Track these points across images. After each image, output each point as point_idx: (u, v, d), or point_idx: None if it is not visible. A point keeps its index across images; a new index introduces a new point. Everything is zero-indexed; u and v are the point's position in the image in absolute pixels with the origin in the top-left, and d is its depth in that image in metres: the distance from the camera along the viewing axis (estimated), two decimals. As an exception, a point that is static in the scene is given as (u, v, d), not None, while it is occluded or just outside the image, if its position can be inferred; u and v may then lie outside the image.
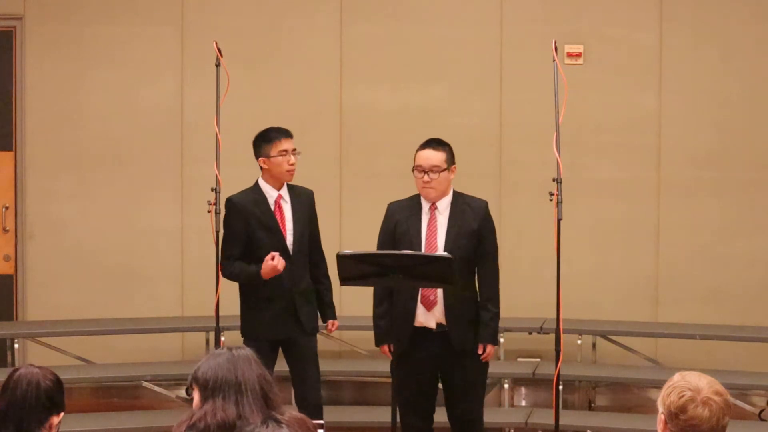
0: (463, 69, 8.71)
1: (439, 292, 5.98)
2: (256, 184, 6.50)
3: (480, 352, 6.04)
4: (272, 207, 6.43)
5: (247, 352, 3.75)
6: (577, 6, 8.65)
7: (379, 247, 6.11)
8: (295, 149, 6.43)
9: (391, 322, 6.01)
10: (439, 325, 6.02)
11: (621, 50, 8.61)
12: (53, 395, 3.91)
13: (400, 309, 6.02)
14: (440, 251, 5.95)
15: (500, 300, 6.19)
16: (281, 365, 6.55)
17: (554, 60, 6.29)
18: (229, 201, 6.45)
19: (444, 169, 6.03)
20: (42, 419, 3.88)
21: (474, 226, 6.05)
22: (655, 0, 8.57)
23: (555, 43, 6.35)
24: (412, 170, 6.09)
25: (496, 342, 6.17)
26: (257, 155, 6.46)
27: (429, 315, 6.02)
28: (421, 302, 6.01)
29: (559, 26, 8.51)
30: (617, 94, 8.62)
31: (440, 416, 6.23)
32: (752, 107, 8.54)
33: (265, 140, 6.46)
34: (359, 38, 8.78)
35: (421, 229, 6.06)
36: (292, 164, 6.41)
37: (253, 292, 6.43)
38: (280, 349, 6.51)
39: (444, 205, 6.09)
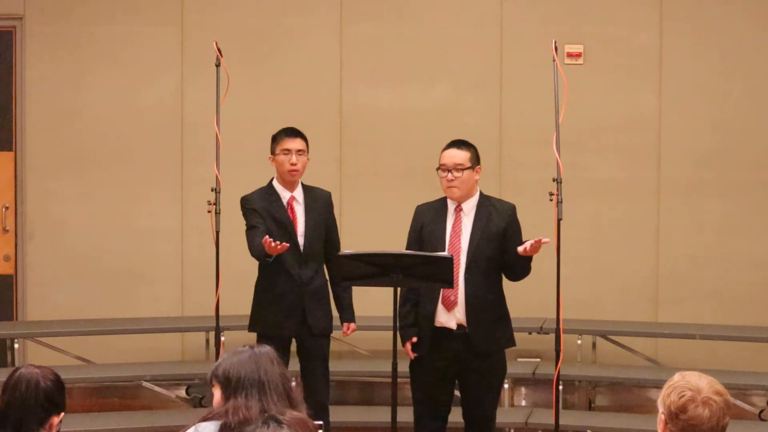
0: (463, 69, 8.71)
1: (460, 292, 5.98)
2: (270, 184, 6.54)
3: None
4: (285, 207, 6.46)
5: (269, 350, 3.75)
6: (577, 6, 8.65)
7: (408, 248, 6.10)
8: (300, 150, 6.46)
9: (415, 321, 6.04)
10: (459, 326, 6.00)
11: (621, 50, 8.62)
12: (53, 395, 3.89)
13: (421, 310, 6.04)
14: (464, 252, 5.95)
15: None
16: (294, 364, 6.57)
17: (554, 60, 6.29)
18: (243, 198, 6.54)
19: (467, 168, 6.02)
20: (41, 419, 3.87)
21: (500, 229, 6.00)
22: (655, 0, 8.57)
23: (555, 43, 6.35)
24: (437, 170, 6.08)
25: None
26: (270, 153, 6.51)
27: (449, 315, 6.01)
28: (442, 302, 6.00)
29: (559, 26, 8.51)
30: (617, 94, 8.62)
31: (453, 416, 6.22)
32: (752, 107, 8.54)
33: (273, 138, 6.56)
34: (359, 38, 8.78)
35: (445, 231, 6.05)
36: (293, 164, 6.43)
37: (265, 287, 6.47)
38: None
39: (470, 207, 6.07)
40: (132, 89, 8.85)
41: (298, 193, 6.53)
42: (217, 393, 3.71)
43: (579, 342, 8.33)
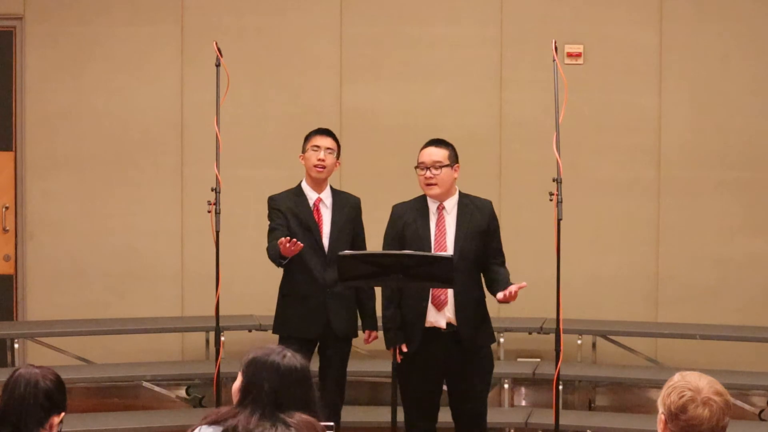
0: (463, 69, 8.71)
1: (450, 291, 5.98)
2: (299, 185, 6.55)
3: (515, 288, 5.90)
4: (311, 208, 6.47)
5: (301, 368, 3.64)
6: (577, 6, 8.65)
7: (385, 248, 6.08)
8: (330, 149, 6.49)
9: (402, 323, 6.03)
10: (449, 324, 6.02)
11: (621, 50, 8.62)
12: (52, 395, 3.88)
13: (410, 310, 6.02)
14: (450, 252, 5.96)
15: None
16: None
17: (554, 60, 6.29)
18: (270, 198, 6.54)
19: (446, 165, 6.03)
20: (41, 419, 3.85)
21: (483, 226, 6.06)
22: (655, 0, 8.57)
23: (555, 43, 6.35)
24: (415, 168, 6.09)
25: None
26: (301, 152, 6.56)
27: (439, 315, 6.02)
28: (432, 302, 6.01)
29: (559, 26, 8.51)
30: (617, 94, 8.62)
31: (442, 416, 6.23)
32: (752, 107, 8.54)
33: (305, 137, 6.57)
34: (359, 38, 8.78)
35: (430, 231, 6.05)
36: (321, 160, 6.45)
37: (289, 289, 6.48)
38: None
39: (451, 205, 6.08)
40: (132, 89, 8.85)
41: (326, 195, 6.54)
42: (238, 381, 3.68)
43: (579, 342, 8.33)
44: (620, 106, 8.62)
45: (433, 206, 6.09)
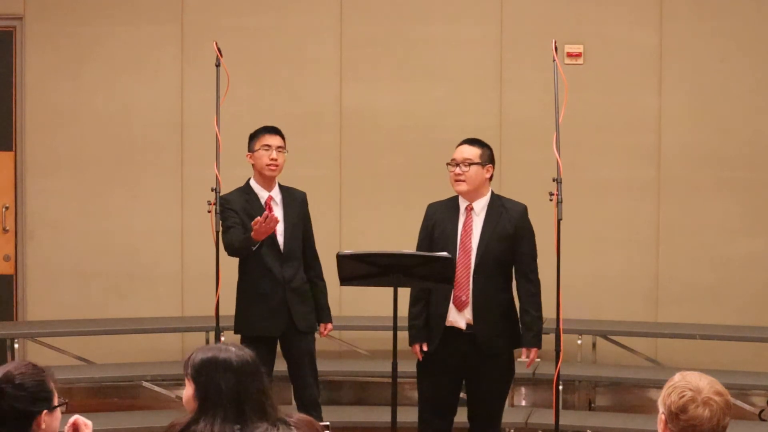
0: (463, 69, 8.71)
1: (471, 292, 5.99)
2: (247, 183, 6.58)
3: (525, 357, 6.04)
4: (263, 206, 6.48)
5: (251, 359, 3.63)
6: (577, 6, 8.65)
7: (419, 247, 6.12)
8: (281, 147, 6.50)
9: (426, 322, 6.04)
10: (469, 325, 6.03)
11: (621, 50, 8.62)
12: (20, 402, 3.54)
13: (433, 308, 6.06)
14: (474, 253, 5.97)
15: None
16: (280, 364, 6.58)
17: (554, 60, 6.29)
18: (221, 198, 6.52)
19: (476, 163, 6.05)
20: (20, 428, 3.55)
21: (509, 230, 6.04)
22: (655, 0, 8.57)
23: (555, 43, 6.35)
24: (447, 165, 6.11)
25: (539, 345, 6.12)
26: (247, 151, 6.54)
27: (460, 315, 6.03)
28: (453, 302, 6.02)
29: (559, 26, 8.51)
30: (617, 94, 8.62)
31: (458, 416, 6.22)
32: (752, 107, 8.54)
33: (252, 136, 6.61)
34: (359, 38, 8.78)
35: (456, 231, 6.06)
36: (273, 159, 6.47)
37: (249, 288, 6.50)
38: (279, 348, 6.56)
39: (480, 207, 6.09)
40: (132, 89, 8.85)
41: (276, 192, 6.57)
42: (189, 389, 3.62)
43: (579, 342, 8.33)
44: (620, 106, 8.62)
45: (462, 206, 6.10)
